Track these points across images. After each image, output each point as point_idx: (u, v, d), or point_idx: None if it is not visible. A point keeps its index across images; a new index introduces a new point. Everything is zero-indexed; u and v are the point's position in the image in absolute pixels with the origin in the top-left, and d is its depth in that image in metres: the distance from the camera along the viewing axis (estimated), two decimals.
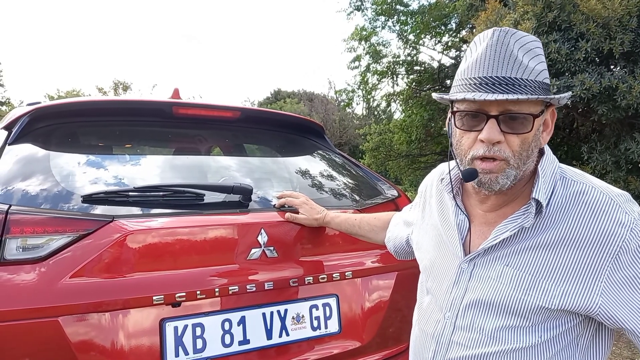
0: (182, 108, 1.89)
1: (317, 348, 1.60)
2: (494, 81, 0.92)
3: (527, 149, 0.95)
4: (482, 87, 0.92)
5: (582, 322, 0.99)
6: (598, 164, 4.31)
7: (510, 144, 0.94)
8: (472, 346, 1.04)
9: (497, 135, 0.93)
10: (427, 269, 1.20)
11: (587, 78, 3.75)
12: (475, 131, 0.96)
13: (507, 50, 0.92)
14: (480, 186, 0.99)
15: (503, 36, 0.93)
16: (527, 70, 0.92)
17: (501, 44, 0.92)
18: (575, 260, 0.94)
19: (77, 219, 1.35)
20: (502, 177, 0.95)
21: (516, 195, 1.02)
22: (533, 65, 0.92)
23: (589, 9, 3.80)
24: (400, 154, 10.34)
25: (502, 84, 0.91)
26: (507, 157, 0.94)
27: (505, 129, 0.93)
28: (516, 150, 0.94)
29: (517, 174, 0.96)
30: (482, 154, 0.95)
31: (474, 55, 0.96)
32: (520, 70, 0.91)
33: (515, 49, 0.92)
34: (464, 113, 0.97)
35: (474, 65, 0.95)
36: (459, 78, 0.99)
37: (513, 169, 0.95)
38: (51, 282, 1.25)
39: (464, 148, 0.99)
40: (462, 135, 0.99)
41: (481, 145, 0.95)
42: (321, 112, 24.29)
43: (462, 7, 7.00)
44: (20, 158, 1.53)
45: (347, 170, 2.20)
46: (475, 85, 0.93)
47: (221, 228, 1.52)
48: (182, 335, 1.38)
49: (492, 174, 0.95)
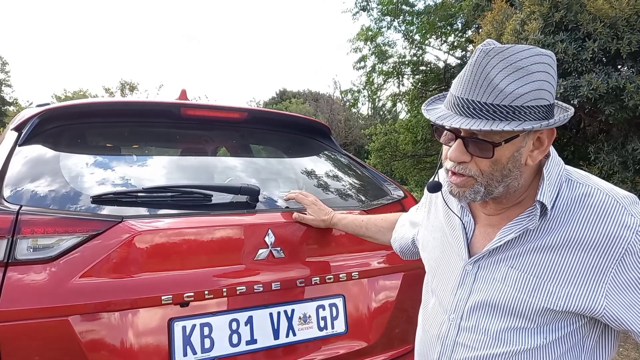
0: (189, 109, 1.91)
1: (323, 348, 1.60)
2: (464, 103, 0.91)
3: (500, 169, 0.95)
4: (455, 108, 0.93)
5: (587, 323, 0.99)
6: (605, 165, 4.29)
7: (479, 164, 0.96)
8: (477, 347, 1.04)
9: (459, 156, 0.96)
10: (432, 270, 1.21)
11: (594, 78, 3.74)
12: (449, 146, 0.99)
13: (482, 72, 0.89)
14: (452, 195, 1.03)
15: (482, 57, 0.89)
16: (502, 94, 0.87)
17: (478, 66, 0.89)
18: (580, 262, 0.94)
19: (87, 219, 1.36)
20: (469, 192, 0.98)
21: (519, 198, 1.03)
22: (512, 88, 0.87)
23: (596, 8, 3.79)
24: (406, 154, 10.33)
25: (469, 108, 0.90)
26: (474, 175, 0.97)
27: (472, 150, 0.95)
28: (485, 170, 0.96)
29: (489, 190, 0.97)
30: (449, 167, 1.00)
31: (464, 69, 0.96)
32: (493, 95, 0.88)
33: (494, 71, 0.88)
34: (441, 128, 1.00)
35: (456, 82, 0.95)
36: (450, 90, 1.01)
37: (481, 186, 0.97)
38: (61, 282, 1.27)
39: (443, 158, 1.05)
40: (443, 146, 1.04)
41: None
42: (326, 112, 24.29)
43: (468, 7, 6.99)
44: (30, 159, 1.55)
45: (353, 171, 2.21)
46: (452, 103, 0.94)
47: (229, 228, 1.53)
48: (190, 335, 1.39)
49: (459, 188, 0.99)
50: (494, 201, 1.03)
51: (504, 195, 1.00)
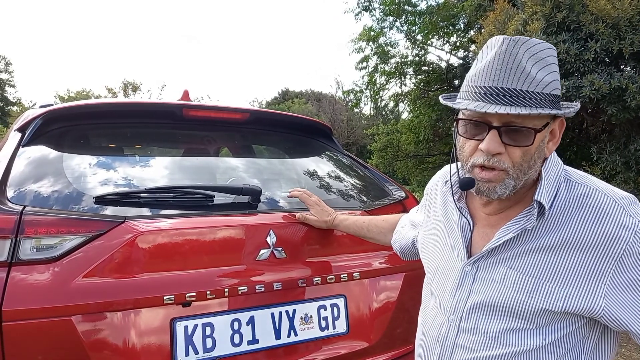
0: (191, 110, 1.91)
1: (325, 348, 1.61)
2: (498, 92, 0.90)
3: (528, 160, 0.95)
4: (487, 97, 0.91)
5: (587, 324, 0.99)
6: (608, 165, 4.29)
7: (511, 155, 0.94)
8: (477, 349, 1.04)
9: (497, 147, 0.93)
10: (432, 271, 1.21)
11: (597, 78, 3.73)
12: (477, 140, 0.97)
13: (515, 60, 0.90)
14: (479, 194, 0.99)
15: (512, 45, 0.90)
16: (535, 82, 0.90)
17: (509, 54, 0.90)
18: (578, 262, 0.94)
19: (90, 219, 1.37)
20: (500, 187, 0.96)
21: (520, 198, 1.03)
22: (542, 76, 0.91)
23: (598, 9, 3.78)
24: (408, 155, 10.33)
25: (506, 96, 0.90)
26: (507, 168, 0.95)
27: (507, 140, 0.93)
28: (517, 161, 0.95)
29: (517, 184, 0.96)
30: (481, 162, 0.96)
31: (482, 62, 0.95)
32: (527, 82, 0.90)
33: (524, 59, 0.90)
34: (467, 121, 0.98)
35: (481, 73, 0.93)
36: (467, 84, 0.98)
37: (512, 180, 0.96)
38: (64, 282, 1.28)
39: (466, 154, 1.00)
40: (465, 142, 1.00)
41: (481, 154, 0.95)
42: (329, 112, 24.28)
43: (471, 8, 6.98)
44: (33, 160, 1.56)
45: (354, 172, 2.21)
46: (480, 94, 0.92)
47: (230, 229, 1.54)
48: (192, 335, 1.40)
49: (490, 183, 0.96)
50: (498, 200, 1.02)
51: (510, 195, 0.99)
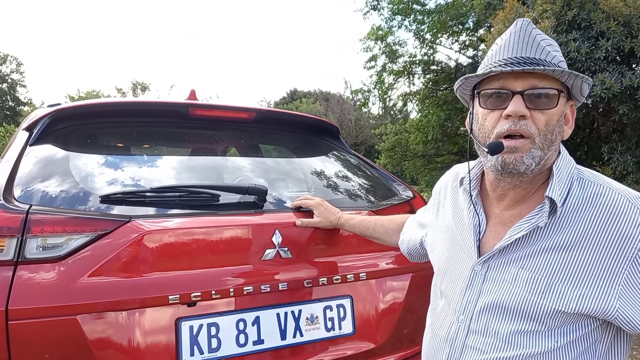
0: (198, 109, 1.91)
1: (331, 349, 1.60)
2: (518, 60, 0.95)
3: (551, 130, 0.96)
4: (507, 66, 0.95)
5: (600, 326, 0.97)
6: (619, 165, 4.24)
7: (536, 121, 0.95)
8: (487, 350, 1.02)
9: (523, 109, 0.94)
10: (441, 271, 1.19)
11: (608, 77, 3.69)
12: (500, 109, 0.97)
13: (530, 36, 0.97)
14: (504, 168, 0.97)
15: (527, 25, 0.98)
16: (550, 55, 0.96)
17: (524, 30, 0.98)
18: (592, 262, 0.92)
19: (96, 219, 1.37)
20: (527, 157, 0.95)
21: (533, 192, 1.02)
22: (555, 53, 0.97)
23: (609, 7, 3.74)
24: (417, 154, 10.30)
25: (526, 63, 0.95)
26: (533, 134, 0.94)
27: (531, 105, 0.95)
28: (541, 128, 0.95)
29: (542, 157, 0.96)
30: (507, 128, 0.96)
31: (498, 45, 1.01)
32: (544, 53, 0.96)
33: (537, 37, 0.97)
34: (489, 92, 1.00)
35: (499, 50, 0.99)
36: (483, 65, 1.03)
37: (538, 149, 0.95)
38: (70, 281, 1.28)
39: (488, 127, 1.00)
40: (486, 116, 1.00)
41: (506, 121, 0.96)
42: (337, 112, 24.28)
43: (480, 6, 6.93)
44: (40, 159, 1.57)
45: (362, 171, 2.20)
46: (501, 65, 0.97)
47: (236, 228, 1.53)
48: (197, 335, 1.39)
49: (517, 152, 0.95)
50: (515, 190, 1.01)
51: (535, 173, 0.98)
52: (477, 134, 1.04)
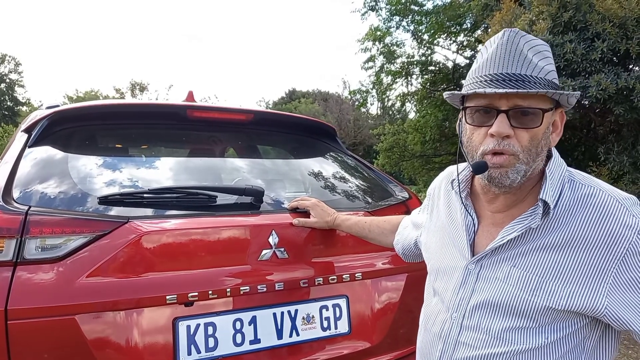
0: (196, 111, 1.92)
1: (327, 348, 1.61)
2: (504, 77, 0.94)
3: (536, 145, 0.97)
4: (493, 83, 0.95)
5: (589, 323, 0.99)
6: (615, 165, 4.26)
7: (520, 139, 0.96)
8: (480, 346, 1.05)
9: (506, 129, 0.95)
10: (435, 270, 1.21)
11: (603, 78, 3.71)
12: (486, 126, 0.98)
13: (516, 49, 0.95)
14: (491, 182, 0.99)
15: (513, 36, 0.96)
16: (537, 68, 0.95)
17: (511, 43, 0.96)
18: (581, 261, 0.95)
19: (94, 220, 1.38)
20: (512, 171, 0.97)
21: (524, 196, 1.03)
22: (542, 64, 0.96)
23: (605, 8, 3.76)
24: (415, 155, 10.32)
25: (512, 80, 0.94)
26: (516, 152, 0.96)
27: (515, 123, 0.95)
28: (525, 145, 0.96)
29: (527, 170, 0.97)
30: (492, 148, 0.97)
31: (485, 56, 0.99)
32: (530, 67, 0.95)
33: (525, 48, 0.95)
34: (475, 109, 1.00)
35: (485, 64, 0.98)
36: (470, 77, 1.02)
37: (523, 164, 0.97)
38: (68, 281, 1.29)
39: (475, 144, 1.01)
40: (473, 132, 1.02)
41: (491, 140, 0.97)
42: (335, 112, 24.30)
43: (477, 7, 6.96)
44: (39, 160, 1.58)
45: (358, 172, 2.22)
46: (486, 81, 0.96)
47: (233, 229, 1.55)
48: (194, 334, 1.41)
49: (502, 168, 0.97)
50: (505, 195, 1.03)
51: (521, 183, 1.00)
52: (465, 146, 1.06)
